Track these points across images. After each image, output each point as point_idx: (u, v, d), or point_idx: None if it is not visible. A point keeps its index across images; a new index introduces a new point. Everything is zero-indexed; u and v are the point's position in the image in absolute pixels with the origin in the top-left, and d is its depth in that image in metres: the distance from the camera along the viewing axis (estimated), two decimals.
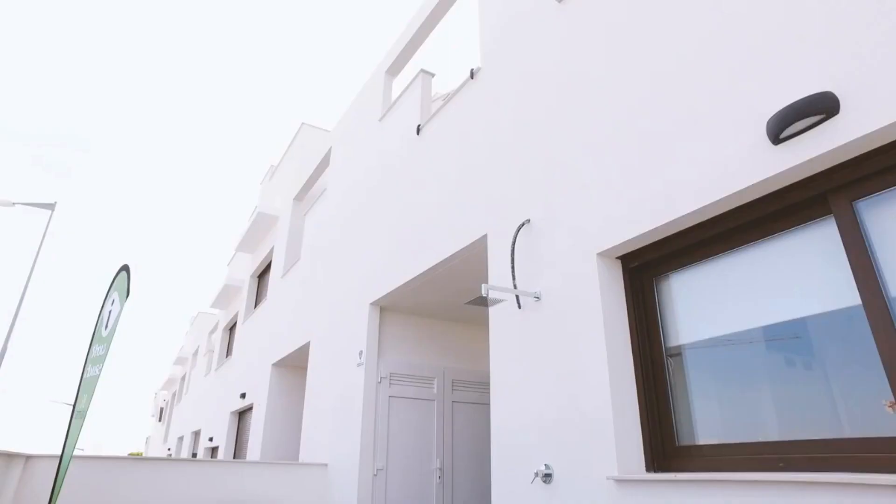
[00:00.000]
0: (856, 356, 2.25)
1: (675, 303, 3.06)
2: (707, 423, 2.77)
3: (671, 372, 3.00)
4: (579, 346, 3.24)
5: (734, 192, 2.57)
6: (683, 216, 2.80)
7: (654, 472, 2.87)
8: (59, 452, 5.02)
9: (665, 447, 2.90)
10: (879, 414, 2.14)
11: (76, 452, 5.28)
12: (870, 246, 2.25)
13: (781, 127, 2.34)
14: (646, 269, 3.24)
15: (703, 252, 2.91)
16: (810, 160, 2.30)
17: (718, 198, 2.63)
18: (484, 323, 6.91)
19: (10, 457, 4.17)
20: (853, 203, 2.31)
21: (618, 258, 3.34)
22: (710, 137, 2.75)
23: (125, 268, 5.32)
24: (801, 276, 2.48)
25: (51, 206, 12.50)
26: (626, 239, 3.10)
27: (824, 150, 2.25)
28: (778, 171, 2.40)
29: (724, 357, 2.75)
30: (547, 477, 3.26)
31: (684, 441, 2.85)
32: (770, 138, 2.42)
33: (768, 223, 2.62)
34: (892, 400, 2.11)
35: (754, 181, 2.49)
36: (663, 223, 2.89)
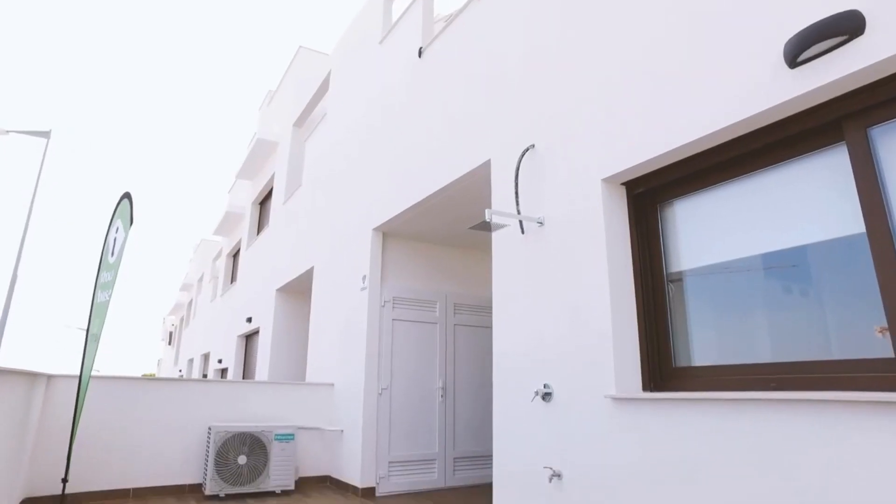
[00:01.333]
0: (852, 284, 2.29)
1: (677, 229, 3.08)
2: (703, 346, 2.87)
3: (671, 297, 3.06)
4: (581, 271, 3.29)
5: (746, 117, 2.52)
6: (692, 142, 2.77)
7: (651, 391, 2.99)
8: (78, 373, 5.22)
9: (662, 368, 3.01)
10: (869, 339, 2.21)
11: (93, 373, 5.49)
12: (880, 173, 2.24)
13: (801, 49, 2.26)
14: (650, 195, 3.23)
15: (709, 179, 2.90)
16: (828, 84, 2.24)
17: (729, 123, 2.59)
18: (486, 248, 6.98)
19: (33, 376, 4.34)
20: (867, 130, 2.28)
21: (622, 184, 3.33)
22: (722, 62, 2.67)
23: (127, 195, 5.32)
24: (806, 204, 2.48)
25: (46, 135, 12.30)
26: (632, 165, 3.08)
27: (844, 74, 2.19)
28: (793, 96, 2.35)
29: (723, 283, 2.80)
30: (547, 396, 3.40)
31: (681, 363, 2.95)
32: (787, 61, 2.35)
33: (777, 150, 2.60)
34: (883, 326, 2.17)
35: (767, 106, 2.44)
36: (671, 149, 2.86)
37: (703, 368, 2.81)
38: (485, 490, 6.00)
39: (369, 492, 5.70)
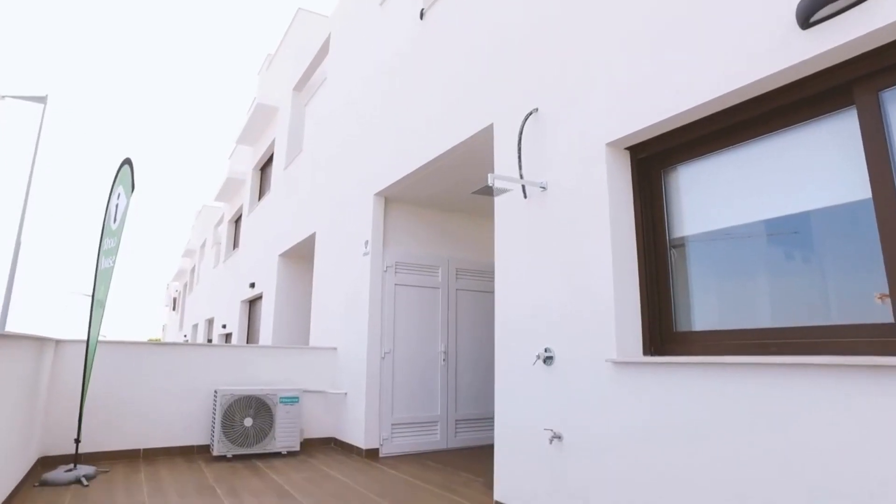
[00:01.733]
0: (854, 251, 2.29)
1: (681, 195, 3.07)
2: (704, 312, 2.88)
3: (673, 262, 3.07)
4: (584, 236, 3.29)
5: (754, 80, 2.48)
6: (698, 106, 2.73)
7: (652, 355, 3.03)
8: (85, 338, 5.28)
9: (663, 333, 3.04)
10: (869, 305, 2.22)
11: (100, 338, 5.55)
12: (889, 137, 2.21)
13: (814, 9, 2.20)
14: (654, 160, 3.21)
15: (714, 144, 2.87)
16: (841, 46, 2.19)
17: (738, 86, 2.54)
18: (488, 213, 6.96)
19: (42, 341, 4.40)
20: (879, 93, 2.24)
21: (626, 149, 3.30)
22: (732, 23, 2.61)
23: (128, 161, 5.29)
24: (810, 170, 2.46)
25: (42, 100, 12.15)
26: (636, 129, 3.04)
27: (858, 35, 2.14)
28: (804, 58, 2.30)
29: (725, 249, 2.80)
30: (548, 360, 3.44)
31: (682, 328, 2.98)
32: (799, 22, 2.29)
33: (785, 115, 2.56)
34: (883, 293, 2.18)
35: (777, 69, 2.39)
36: (677, 113, 2.82)
37: (703, 333, 2.83)
38: (486, 451, 6.14)
39: (373, 453, 5.84)
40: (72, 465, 4.81)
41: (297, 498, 4.14)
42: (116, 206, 5.17)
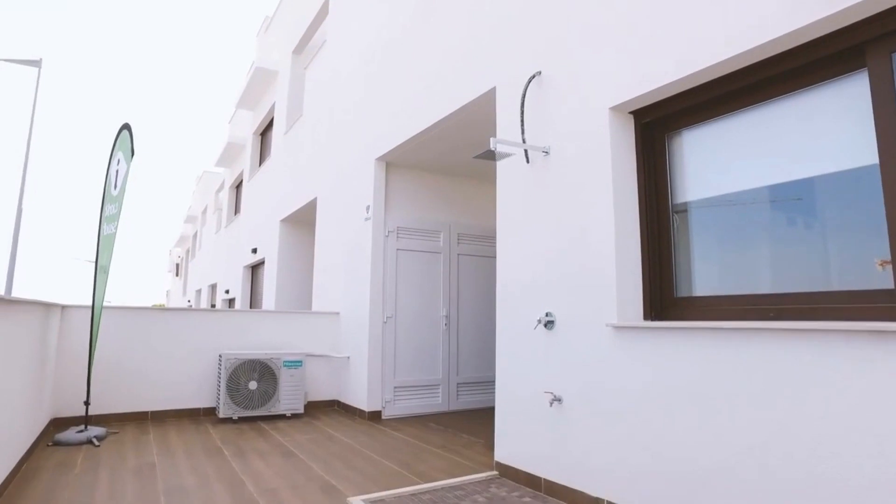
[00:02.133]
0: (857, 217, 2.28)
1: (684, 160, 3.04)
2: (705, 277, 2.90)
3: (675, 228, 3.07)
4: (586, 201, 3.28)
5: (763, 42, 2.43)
6: (705, 69, 2.68)
7: (652, 320, 3.05)
8: (90, 303, 5.33)
9: (663, 298, 3.06)
10: (870, 271, 2.23)
11: (105, 304, 5.60)
12: None
13: None
14: (658, 124, 3.17)
15: (720, 109, 2.83)
16: (855, 6, 2.14)
17: (744, 49, 2.49)
18: (490, 178, 6.93)
19: (48, 306, 4.45)
20: (892, 55, 2.19)
21: (630, 113, 3.25)
22: None
23: (126, 126, 5.24)
24: (816, 135, 2.43)
25: (37, 63, 11.96)
26: (641, 93, 3.00)
27: None
28: (815, 20, 2.24)
29: (727, 215, 2.79)
30: (549, 324, 3.48)
31: (682, 293, 2.99)
32: None
33: (792, 79, 2.51)
34: (884, 259, 2.18)
35: (786, 31, 2.34)
36: (682, 76, 2.77)
37: (703, 298, 2.85)
38: (487, 413, 6.25)
39: (375, 415, 5.95)
40: (82, 427, 4.92)
41: (302, 458, 4.24)
42: (116, 171, 5.14)
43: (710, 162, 2.90)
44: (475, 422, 5.78)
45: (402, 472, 3.89)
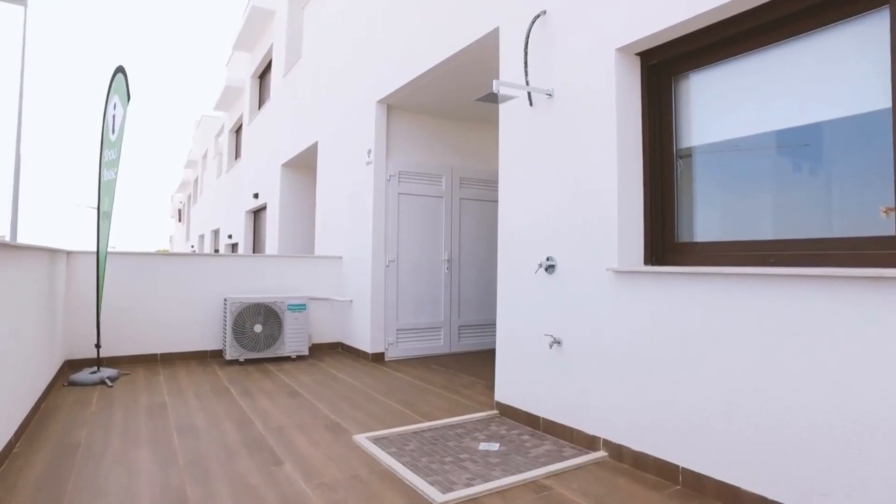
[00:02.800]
0: (864, 163, 2.25)
1: (690, 104, 2.98)
2: (707, 223, 2.89)
3: (679, 173, 3.04)
4: (590, 144, 3.25)
5: None
6: (716, 8, 2.58)
7: (652, 265, 3.08)
8: (95, 249, 5.37)
9: (664, 243, 3.07)
10: (874, 218, 2.22)
11: (111, 249, 5.64)
12: None
13: None
14: (665, 67, 3.09)
15: (729, 50, 2.75)
16: None
17: None
18: (492, 122, 6.82)
19: (53, 252, 4.49)
20: None
21: (637, 55, 3.17)
22: None
23: (121, 69, 5.13)
24: (827, 78, 2.37)
25: (22, 1, 11.56)
26: (649, 33, 2.91)
27: None
28: None
29: (732, 160, 2.76)
30: (550, 268, 3.51)
31: (683, 238, 3.00)
32: None
33: (810, 17, 2.43)
34: (889, 206, 2.16)
35: None
36: (693, 16, 2.68)
37: (704, 244, 2.86)
38: (488, 355, 6.40)
39: (379, 357, 6.09)
40: (95, 368, 5.06)
41: (308, 398, 4.37)
42: (113, 116, 5.07)
43: (717, 106, 2.84)
44: (476, 363, 5.92)
45: (405, 411, 4.02)
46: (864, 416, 2.01)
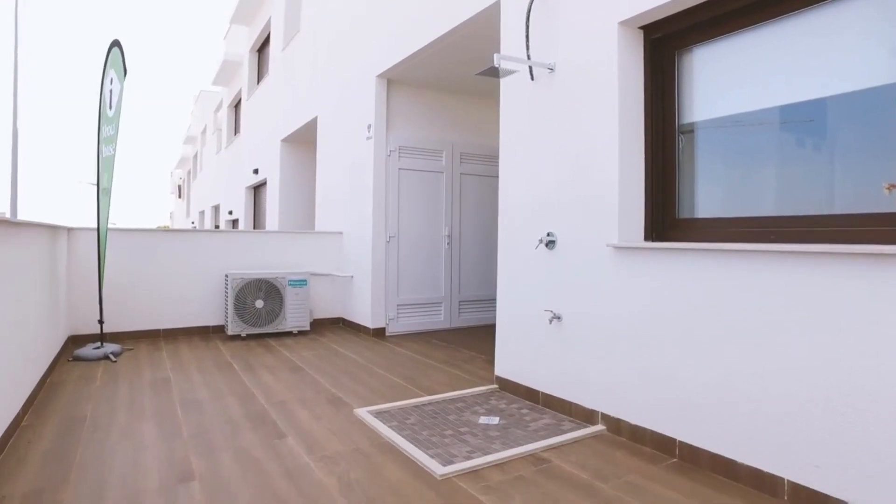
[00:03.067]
0: (868, 139, 2.24)
1: (693, 79, 2.95)
2: (708, 199, 2.89)
3: (681, 148, 3.02)
4: (592, 119, 3.22)
5: None
6: None
7: (653, 241, 3.08)
8: (95, 226, 5.37)
9: (665, 219, 3.07)
10: (876, 195, 2.21)
11: (111, 226, 5.65)
12: None
13: None
14: (669, 40, 3.05)
15: (735, 23, 2.70)
16: None
17: None
18: (493, 96, 6.75)
19: (54, 229, 4.49)
20: None
21: (640, 28, 3.12)
22: None
23: (116, 43, 5.07)
24: (834, 52, 2.34)
25: None
26: (653, 6, 2.86)
27: None
28: None
29: (734, 136, 2.74)
30: (550, 244, 3.51)
31: (684, 215, 2.99)
32: None
33: None
34: (892, 182, 2.15)
35: None
36: None
37: (705, 220, 2.86)
38: (488, 330, 6.44)
39: (379, 332, 6.14)
40: (99, 344, 5.10)
41: (310, 373, 4.42)
42: (110, 91, 5.03)
43: (721, 81, 2.81)
44: (476, 338, 5.97)
45: (406, 385, 4.07)
46: (858, 392, 2.04)
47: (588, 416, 3.22)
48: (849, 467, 2.06)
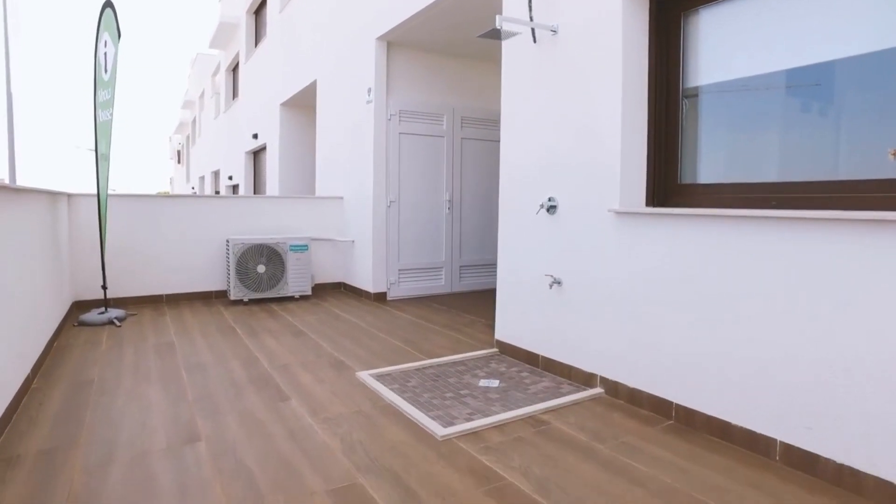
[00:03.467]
0: (876, 104, 2.20)
1: (699, 41, 2.89)
2: (711, 164, 2.87)
3: (685, 113, 2.99)
4: (595, 83, 3.17)
5: None
6: None
7: (654, 206, 3.07)
8: (95, 192, 5.36)
9: (667, 185, 3.05)
10: (882, 161, 2.19)
11: (111, 192, 5.63)
12: None
13: None
14: (674, 2, 2.97)
15: None
16: None
17: None
18: (495, 59, 6.64)
19: (54, 195, 4.49)
20: None
21: None
22: None
23: (109, 4, 4.97)
24: (844, 14, 2.28)
25: None
26: None
27: None
28: None
29: (739, 100, 2.70)
30: (551, 209, 3.50)
31: (687, 180, 2.98)
32: None
33: None
34: None
35: None
36: None
37: (707, 186, 2.84)
38: (488, 294, 6.48)
39: (381, 296, 6.18)
40: (103, 309, 5.15)
41: (312, 337, 4.47)
42: (105, 54, 4.94)
43: (727, 44, 2.76)
44: (477, 302, 6.01)
45: (407, 349, 4.12)
46: (853, 358, 2.06)
47: (587, 380, 3.27)
48: (841, 429, 2.10)
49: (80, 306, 5.48)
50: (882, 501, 1.98)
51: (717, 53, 2.81)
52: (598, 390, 3.16)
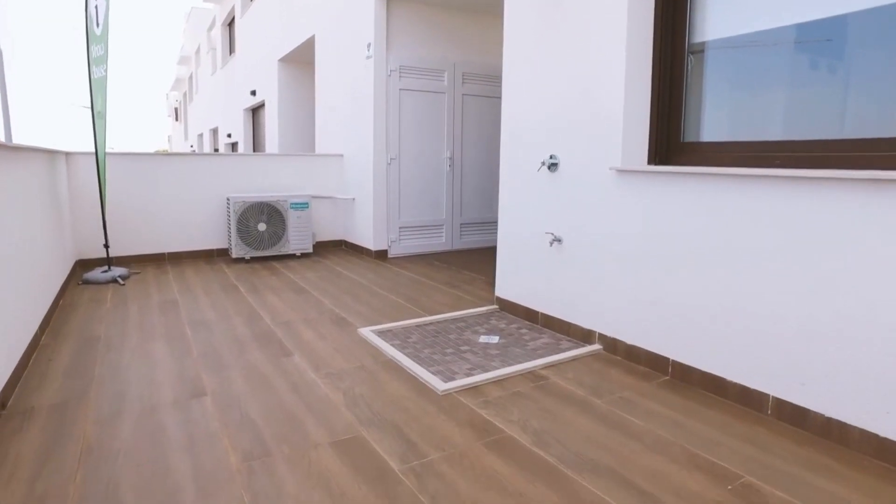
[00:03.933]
0: (891, 60, 2.15)
1: None
2: (715, 122, 2.83)
3: (690, 69, 2.93)
4: (598, 39, 3.11)
5: None
6: None
7: (656, 164, 3.05)
8: (94, 151, 5.32)
9: (670, 143, 3.02)
10: (890, 119, 2.15)
11: (110, 150, 5.59)
12: None
13: None
14: None
15: None
16: None
17: None
18: (497, 13, 6.47)
19: (52, 153, 4.45)
20: None
21: None
22: None
23: None
24: None
25: None
26: None
27: None
28: None
29: (747, 56, 2.65)
30: (553, 166, 3.48)
31: (690, 138, 2.95)
32: None
33: None
34: None
35: None
36: None
37: (710, 144, 2.81)
38: (489, 252, 6.51)
39: (381, 254, 6.21)
40: (107, 267, 5.19)
41: (313, 294, 4.52)
42: (96, 7, 4.83)
43: None
44: (477, 260, 6.04)
45: (408, 305, 4.17)
46: (847, 316, 2.09)
47: (585, 336, 3.32)
48: (833, 385, 2.15)
49: (83, 265, 5.52)
50: (866, 451, 2.04)
51: (725, 6, 2.73)
52: (597, 347, 3.21)
